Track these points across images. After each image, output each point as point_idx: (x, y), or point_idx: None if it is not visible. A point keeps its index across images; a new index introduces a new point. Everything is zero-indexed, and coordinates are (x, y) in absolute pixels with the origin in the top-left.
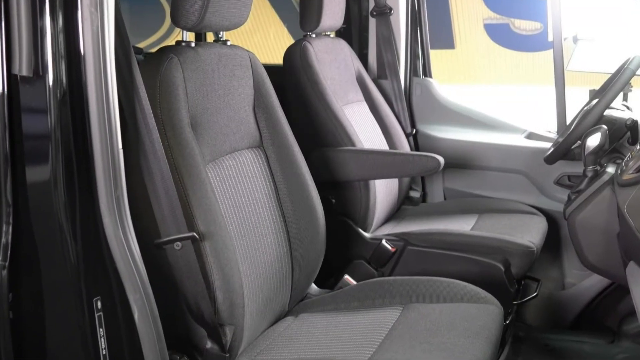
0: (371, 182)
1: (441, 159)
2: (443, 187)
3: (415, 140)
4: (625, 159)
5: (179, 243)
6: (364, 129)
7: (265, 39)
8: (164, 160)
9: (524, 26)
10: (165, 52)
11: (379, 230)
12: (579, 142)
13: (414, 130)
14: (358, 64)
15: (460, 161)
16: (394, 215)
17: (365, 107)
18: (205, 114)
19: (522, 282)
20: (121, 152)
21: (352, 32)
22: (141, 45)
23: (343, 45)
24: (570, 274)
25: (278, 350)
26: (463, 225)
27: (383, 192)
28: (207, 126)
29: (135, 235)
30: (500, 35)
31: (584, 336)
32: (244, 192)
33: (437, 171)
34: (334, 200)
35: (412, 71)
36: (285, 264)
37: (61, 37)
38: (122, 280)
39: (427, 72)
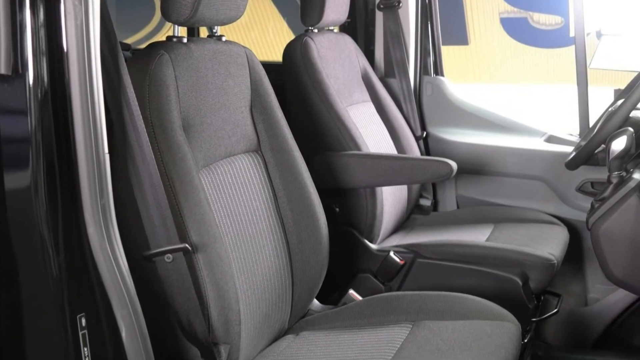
0: (378, 189)
1: (454, 164)
2: (456, 195)
3: (426, 143)
4: None
5: (169, 255)
6: (370, 132)
7: (263, 34)
8: (154, 165)
9: (543, 20)
10: (155, 49)
11: (387, 242)
12: (603, 145)
13: (424, 133)
14: (364, 61)
15: (475, 166)
16: (403, 225)
17: (371, 108)
18: (199, 115)
19: (542, 298)
20: (107, 156)
21: (358, 26)
22: (129, 41)
23: (347, 40)
24: (593, 288)
25: None
26: (477, 235)
27: (391, 200)
28: (201, 129)
29: (123, 247)
30: (517, 30)
31: (609, 356)
32: (240, 200)
33: (449, 177)
34: (337, 209)
35: (422, 69)
36: (285, 278)
37: (42, 32)
38: (108, 296)
39: (438, 70)
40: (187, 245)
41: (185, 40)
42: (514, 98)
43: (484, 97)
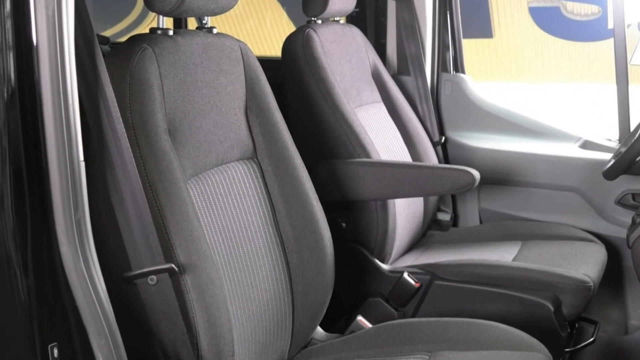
0: (390, 202)
1: (476, 174)
2: (479, 208)
3: (445, 150)
4: None
5: (153, 277)
6: (382, 137)
7: (259, 25)
8: (136, 175)
9: (577, 10)
10: (136, 42)
11: (400, 261)
12: None
13: (443, 138)
14: (374, 56)
15: (500, 176)
16: (418, 242)
17: (382, 109)
18: (186, 118)
19: (576, 325)
20: (83, 165)
21: (367, 17)
22: (107, 33)
23: (356, 33)
24: (634, 314)
25: None
26: (503, 254)
27: (404, 214)
28: (189, 133)
29: (100, 268)
30: (548, 21)
31: None
32: (233, 214)
33: (471, 188)
34: (344, 224)
35: (441, 66)
36: (285, 303)
37: (9, 24)
38: (83, 323)
39: (458, 67)
40: (173, 265)
41: (171, 32)
42: (543, 98)
43: (510, 97)
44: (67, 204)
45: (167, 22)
